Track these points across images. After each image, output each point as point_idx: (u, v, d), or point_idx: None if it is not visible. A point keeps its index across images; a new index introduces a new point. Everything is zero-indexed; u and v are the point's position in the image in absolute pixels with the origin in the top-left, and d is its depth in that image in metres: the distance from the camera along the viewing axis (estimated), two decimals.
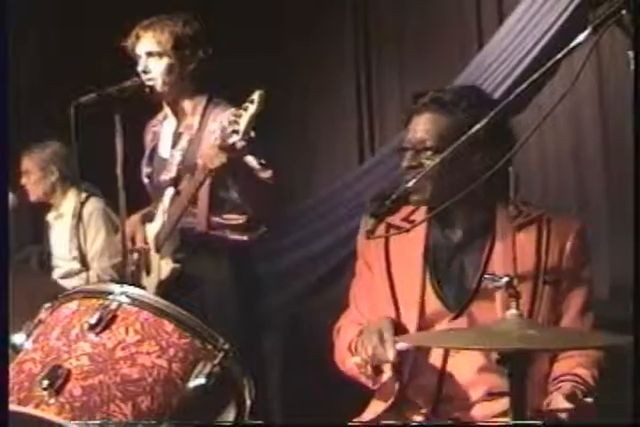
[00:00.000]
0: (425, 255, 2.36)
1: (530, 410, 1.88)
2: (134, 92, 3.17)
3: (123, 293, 2.11)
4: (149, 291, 3.07)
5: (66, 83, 4.48)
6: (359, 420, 2.33)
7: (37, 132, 4.55)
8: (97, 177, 3.86)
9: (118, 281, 3.37)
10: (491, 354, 2.14)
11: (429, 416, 2.27)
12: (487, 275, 2.07)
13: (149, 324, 2.06)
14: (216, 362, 2.06)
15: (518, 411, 1.82)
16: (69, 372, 1.99)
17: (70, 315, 2.12)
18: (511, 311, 1.89)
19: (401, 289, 2.35)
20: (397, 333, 2.23)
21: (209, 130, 3.22)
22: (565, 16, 4.07)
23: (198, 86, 3.31)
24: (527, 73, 4.11)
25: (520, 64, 4.20)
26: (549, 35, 4.11)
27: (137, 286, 2.19)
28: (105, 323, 2.06)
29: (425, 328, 2.28)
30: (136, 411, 1.97)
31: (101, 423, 1.94)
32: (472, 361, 2.25)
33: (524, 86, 1.99)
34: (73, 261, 4.42)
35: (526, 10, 4.20)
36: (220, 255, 3.22)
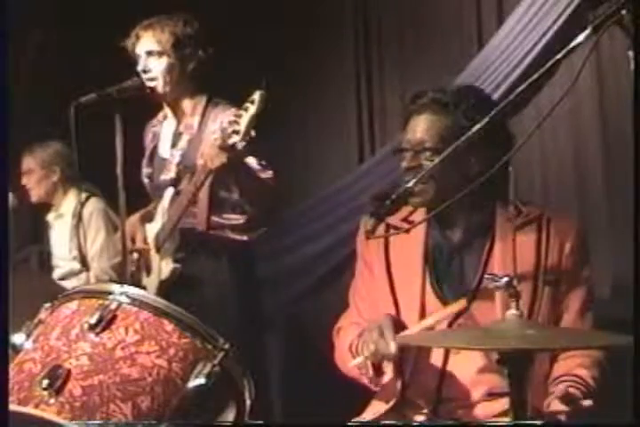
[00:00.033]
0: (425, 255, 2.36)
1: (530, 410, 1.88)
2: (134, 92, 3.17)
3: (123, 293, 2.11)
4: (150, 291, 3.07)
5: (66, 83, 4.49)
6: (359, 420, 2.33)
7: (38, 131, 4.55)
8: (97, 177, 3.87)
9: (118, 281, 3.37)
10: (491, 354, 2.14)
11: (430, 416, 2.27)
12: (487, 275, 2.07)
13: (149, 324, 2.06)
14: (216, 362, 2.06)
15: (518, 411, 1.82)
16: (69, 372, 1.99)
17: (70, 315, 2.12)
18: (511, 311, 1.89)
19: (401, 289, 2.36)
20: (397, 331, 2.23)
21: (209, 130, 3.22)
22: (565, 16, 4.06)
23: (198, 86, 3.31)
24: (527, 73, 4.10)
25: (520, 64, 4.19)
26: (549, 35, 4.10)
27: (137, 286, 2.19)
28: (105, 323, 2.06)
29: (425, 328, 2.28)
30: (136, 411, 1.97)
31: (101, 423, 1.94)
32: (472, 361, 2.26)
33: (524, 86, 1.99)
34: (73, 261, 4.42)
35: (526, 10, 4.20)
36: (220, 255, 3.22)
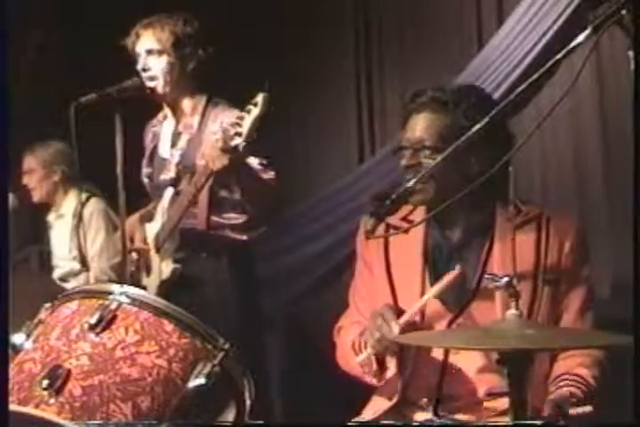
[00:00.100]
0: (424, 255, 2.36)
1: (530, 410, 1.87)
2: (134, 92, 3.17)
3: (123, 293, 2.11)
4: (150, 291, 3.07)
5: (66, 83, 4.49)
6: (360, 418, 2.33)
7: (39, 131, 4.55)
8: (97, 177, 3.87)
9: (118, 281, 3.37)
10: (491, 354, 2.14)
11: (429, 416, 2.27)
12: (487, 275, 2.07)
13: (149, 324, 2.06)
14: (216, 362, 2.06)
15: (518, 411, 1.82)
16: (69, 372, 1.99)
17: (70, 315, 2.12)
18: (511, 311, 1.89)
19: (400, 289, 2.36)
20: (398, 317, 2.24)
21: (209, 130, 3.22)
22: (565, 16, 4.06)
23: (198, 86, 3.31)
24: (527, 73, 4.11)
25: (520, 64, 4.19)
26: (549, 35, 4.10)
27: (137, 287, 2.19)
28: (105, 323, 2.06)
29: (425, 328, 2.28)
30: (136, 411, 1.97)
31: (101, 423, 1.94)
32: (472, 361, 2.26)
33: (524, 86, 1.99)
34: (73, 261, 4.42)
35: (526, 10, 4.20)
36: (220, 255, 3.22)
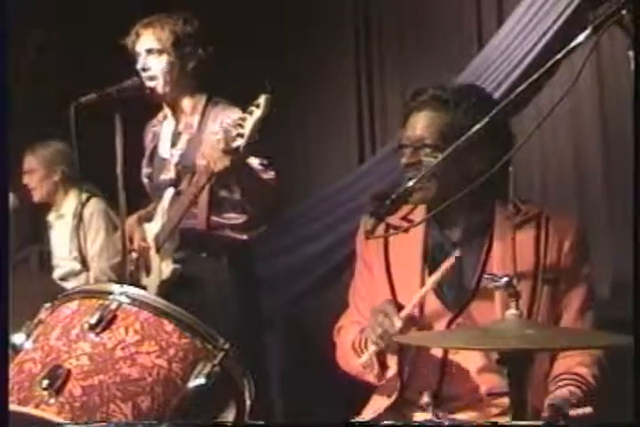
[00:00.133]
0: (424, 255, 2.36)
1: (530, 410, 1.88)
2: (134, 91, 3.17)
3: (123, 293, 2.11)
4: (150, 291, 3.07)
5: (66, 83, 4.49)
6: (360, 418, 2.33)
7: (39, 131, 4.55)
8: (97, 177, 3.87)
9: (118, 281, 3.37)
10: (491, 354, 2.14)
11: (429, 416, 2.27)
12: (487, 275, 2.07)
13: (149, 324, 2.06)
14: (216, 362, 2.06)
15: (518, 411, 1.82)
16: (69, 372, 1.99)
17: (70, 315, 2.12)
18: (511, 311, 1.89)
19: (400, 289, 2.35)
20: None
21: (209, 130, 3.22)
22: (565, 16, 4.06)
23: (198, 85, 3.31)
24: (527, 73, 4.11)
25: (520, 64, 4.19)
26: (549, 35, 4.11)
27: (136, 286, 2.19)
28: (105, 323, 2.06)
29: (424, 328, 2.28)
30: (136, 411, 1.97)
31: (101, 423, 1.94)
32: (472, 361, 2.25)
33: (524, 86, 1.99)
34: (73, 261, 4.42)
35: (526, 10, 4.20)
36: (220, 255, 3.22)
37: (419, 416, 2.28)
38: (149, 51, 3.24)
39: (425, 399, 2.26)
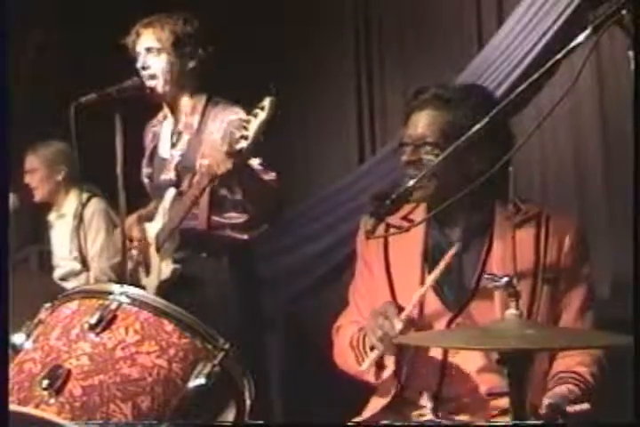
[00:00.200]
0: (424, 254, 2.36)
1: (530, 409, 1.88)
2: (134, 91, 3.17)
3: (123, 293, 2.11)
4: (150, 291, 3.06)
5: (66, 83, 4.49)
6: (359, 419, 2.33)
7: (39, 131, 4.55)
8: (97, 177, 3.87)
9: (118, 281, 3.37)
10: (491, 354, 2.14)
11: (430, 416, 2.27)
12: (487, 275, 2.07)
13: (149, 324, 2.06)
14: (216, 362, 2.05)
15: (518, 411, 1.82)
16: (69, 372, 1.99)
17: (70, 315, 2.12)
18: (510, 311, 1.89)
19: (400, 288, 2.36)
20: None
21: (209, 130, 3.22)
22: (565, 16, 4.07)
23: (198, 85, 3.31)
24: (527, 73, 4.11)
25: (520, 64, 4.20)
26: (549, 35, 4.11)
27: (136, 286, 2.19)
28: (105, 323, 2.05)
29: (424, 327, 2.28)
30: (136, 411, 1.97)
31: (101, 423, 1.94)
32: (472, 361, 2.25)
33: (524, 86, 1.99)
34: (74, 261, 4.42)
35: (526, 10, 4.20)
36: (221, 255, 3.22)
37: (418, 416, 2.29)
38: (149, 49, 3.24)
39: (424, 401, 2.27)
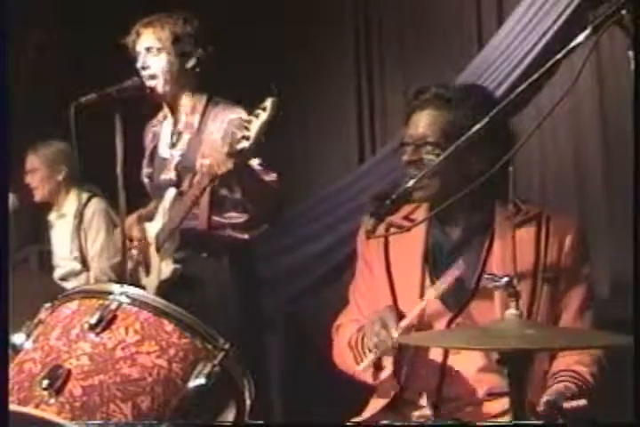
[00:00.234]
0: (424, 254, 2.36)
1: (530, 409, 1.88)
2: (134, 91, 3.16)
3: (123, 293, 2.11)
4: (149, 291, 3.06)
5: (66, 83, 4.49)
6: (359, 419, 2.33)
7: (39, 131, 4.54)
8: (97, 177, 3.87)
9: (118, 281, 3.37)
10: (491, 354, 2.14)
11: (430, 416, 2.27)
12: (487, 275, 2.07)
13: (149, 324, 2.06)
14: (216, 362, 2.06)
15: (518, 411, 1.82)
16: (69, 372, 1.99)
17: (70, 315, 2.12)
18: (510, 311, 1.89)
19: (400, 288, 2.36)
20: (399, 321, 2.23)
21: (209, 129, 3.22)
22: (565, 16, 4.07)
23: (198, 85, 3.31)
24: (527, 73, 4.11)
25: (520, 64, 4.20)
26: (549, 35, 4.11)
27: (136, 286, 2.19)
28: (105, 323, 2.06)
29: (424, 327, 2.28)
30: (136, 411, 1.97)
31: (101, 423, 1.94)
32: (472, 361, 2.25)
33: (524, 86, 2.00)
34: (74, 261, 4.42)
35: (526, 10, 4.20)
36: (221, 255, 3.22)
37: (419, 416, 2.29)
38: (149, 49, 3.24)
39: (424, 401, 2.27)
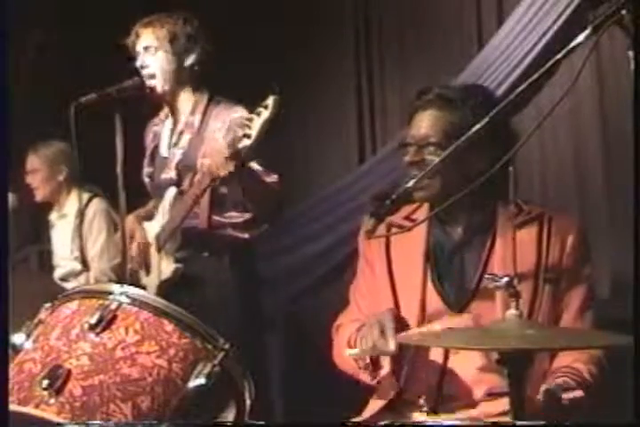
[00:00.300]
0: (426, 253, 2.36)
1: (530, 409, 1.88)
2: (134, 91, 3.16)
3: (123, 293, 2.11)
4: (150, 291, 3.06)
5: (66, 83, 4.49)
6: (359, 419, 2.33)
7: (39, 131, 4.54)
8: (98, 177, 3.87)
9: (118, 281, 3.37)
10: (491, 354, 2.14)
11: (430, 416, 2.27)
12: (488, 275, 2.07)
13: (149, 324, 2.06)
14: (216, 362, 2.06)
15: (518, 411, 1.82)
16: (69, 372, 1.99)
17: (70, 315, 2.12)
18: (511, 311, 1.89)
19: (401, 287, 2.36)
20: (398, 326, 2.23)
21: (210, 129, 3.22)
22: (565, 16, 4.07)
23: (199, 85, 3.31)
24: (527, 73, 4.11)
25: (520, 64, 4.20)
26: (549, 35, 4.11)
27: (136, 286, 2.19)
28: (105, 323, 2.06)
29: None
30: (136, 411, 1.97)
31: (101, 423, 1.94)
32: (472, 361, 2.25)
33: (524, 86, 2.00)
34: (74, 261, 4.42)
35: (526, 10, 4.21)
36: (222, 255, 3.22)
37: (419, 416, 2.29)
38: (147, 48, 3.24)
39: (424, 401, 2.27)
